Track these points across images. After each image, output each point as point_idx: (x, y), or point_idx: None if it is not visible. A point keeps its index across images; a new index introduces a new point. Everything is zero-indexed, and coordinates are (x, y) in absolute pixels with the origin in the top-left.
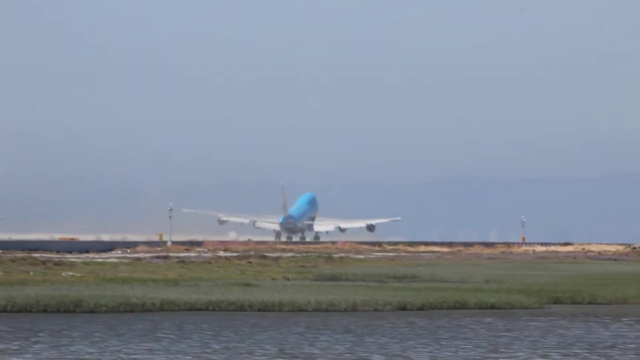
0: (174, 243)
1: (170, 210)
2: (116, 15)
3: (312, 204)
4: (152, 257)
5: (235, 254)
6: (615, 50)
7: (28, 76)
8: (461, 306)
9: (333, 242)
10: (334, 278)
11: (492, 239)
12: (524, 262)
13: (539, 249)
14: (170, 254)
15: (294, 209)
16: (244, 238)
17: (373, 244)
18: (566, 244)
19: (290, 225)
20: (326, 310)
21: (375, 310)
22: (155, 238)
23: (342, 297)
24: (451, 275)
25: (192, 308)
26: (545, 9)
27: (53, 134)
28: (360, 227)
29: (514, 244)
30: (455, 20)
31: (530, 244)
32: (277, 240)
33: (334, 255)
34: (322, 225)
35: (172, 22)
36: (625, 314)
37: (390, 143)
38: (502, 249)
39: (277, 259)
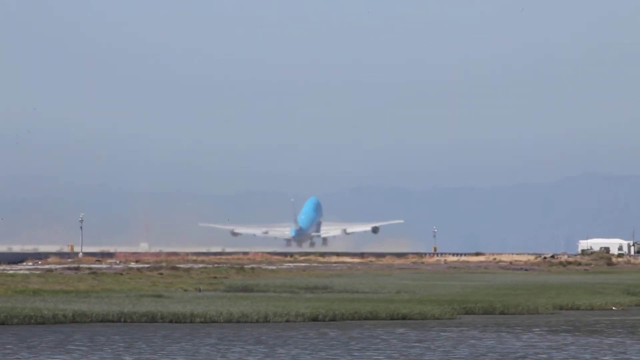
0: (86, 254)
1: (81, 221)
2: (116, 19)
3: (317, 209)
4: (64, 269)
5: (146, 265)
6: (542, 59)
7: None
8: (373, 317)
9: (245, 253)
10: (245, 289)
11: (403, 249)
12: (436, 272)
13: (451, 259)
14: (82, 265)
15: (302, 218)
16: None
17: (285, 254)
18: (477, 254)
19: (301, 238)
20: (238, 322)
21: (287, 321)
22: (67, 249)
23: (253, 308)
24: (363, 286)
25: (103, 320)
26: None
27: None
28: (366, 231)
29: (425, 254)
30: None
31: (441, 254)
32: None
33: (246, 266)
34: (328, 231)
35: (172, 27)
36: (537, 324)
37: (305, 152)
38: (413, 259)
39: (188, 270)
